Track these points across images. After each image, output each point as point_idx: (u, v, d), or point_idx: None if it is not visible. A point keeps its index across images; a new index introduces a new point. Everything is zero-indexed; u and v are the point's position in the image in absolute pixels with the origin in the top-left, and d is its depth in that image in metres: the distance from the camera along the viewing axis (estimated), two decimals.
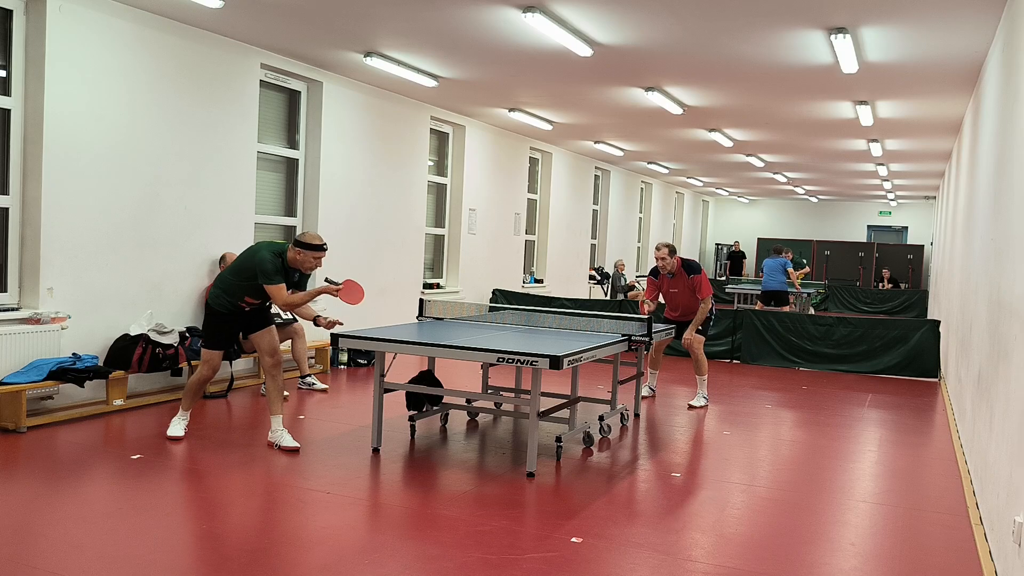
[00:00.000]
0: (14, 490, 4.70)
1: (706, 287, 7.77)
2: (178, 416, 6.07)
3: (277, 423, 5.89)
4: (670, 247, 7.78)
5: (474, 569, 3.83)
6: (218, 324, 5.90)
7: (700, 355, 7.94)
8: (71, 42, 6.60)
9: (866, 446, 6.74)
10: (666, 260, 7.73)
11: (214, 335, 5.92)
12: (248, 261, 5.73)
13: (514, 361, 5.17)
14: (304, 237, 5.69)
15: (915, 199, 24.69)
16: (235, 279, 5.78)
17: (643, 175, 20.88)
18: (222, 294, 5.83)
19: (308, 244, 5.67)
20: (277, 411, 5.89)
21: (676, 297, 7.92)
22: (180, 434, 5.97)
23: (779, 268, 14.50)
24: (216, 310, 5.86)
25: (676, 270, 7.83)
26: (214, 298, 5.85)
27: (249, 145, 8.47)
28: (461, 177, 12.64)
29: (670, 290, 7.92)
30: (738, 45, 7.42)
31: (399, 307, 11.01)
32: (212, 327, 5.92)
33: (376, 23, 7.33)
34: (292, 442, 5.82)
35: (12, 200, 6.51)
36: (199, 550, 3.95)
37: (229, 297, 5.82)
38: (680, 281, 7.84)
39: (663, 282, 7.93)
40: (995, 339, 4.87)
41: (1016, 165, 4.53)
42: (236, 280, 5.78)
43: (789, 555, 4.22)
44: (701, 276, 7.77)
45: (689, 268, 7.82)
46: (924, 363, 10.62)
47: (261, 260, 5.65)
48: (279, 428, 5.89)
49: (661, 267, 7.79)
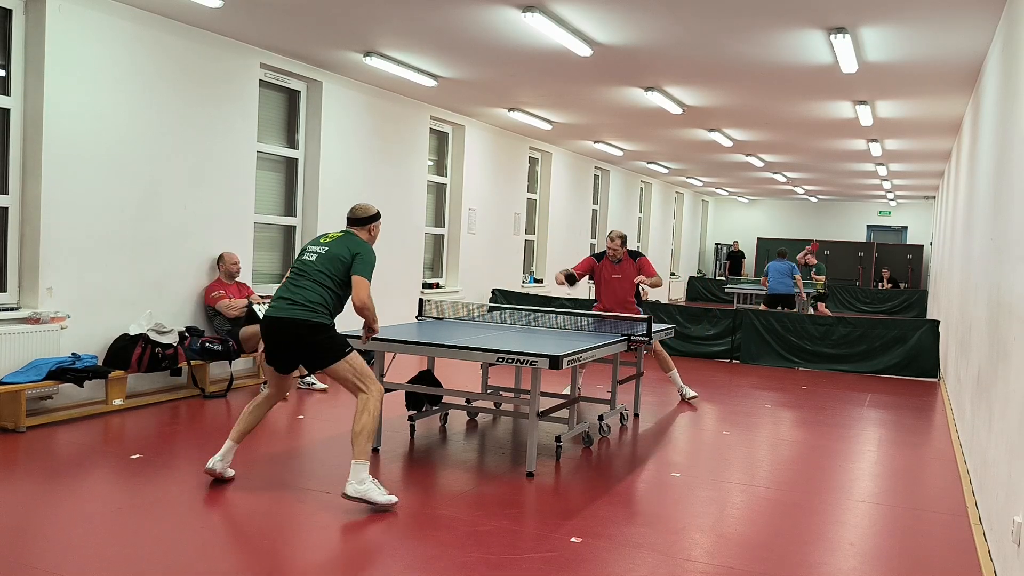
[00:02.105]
0: (13, 490, 4.70)
1: (653, 268, 7.94)
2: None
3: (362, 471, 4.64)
4: (623, 238, 7.99)
5: (473, 569, 3.83)
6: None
7: (662, 351, 8.10)
8: (70, 42, 6.60)
9: (865, 446, 6.74)
10: (617, 251, 7.92)
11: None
12: (354, 251, 4.79)
13: (513, 361, 5.16)
14: (369, 208, 5.03)
15: (915, 199, 24.69)
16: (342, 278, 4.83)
17: (643, 175, 20.87)
18: (339, 303, 4.87)
19: (378, 214, 5.06)
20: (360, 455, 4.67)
21: (618, 283, 7.99)
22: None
23: (787, 272, 14.43)
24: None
25: (623, 257, 8.00)
26: (332, 311, 4.84)
27: (249, 145, 8.47)
28: (461, 177, 12.64)
29: (612, 276, 7.97)
30: (738, 45, 7.42)
31: (399, 307, 11.01)
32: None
33: (376, 23, 7.32)
34: (387, 498, 4.65)
35: (11, 200, 6.51)
36: (198, 550, 3.95)
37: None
38: (625, 267, 7.97)
39: (604, 267, 7.99)
40: (994, 339, 4.87)
41: (1016, 165, 4.53)
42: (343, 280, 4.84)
43: (789, 555, 4.22)
44: (646, 259, 8.00)
45: (634, 254, 8.05)
46: (923, 363, 10.62)
47: (372, 252, 4.86)
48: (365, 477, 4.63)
49: (612, 255, 7.91)
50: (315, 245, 4.94)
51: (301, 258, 4.92)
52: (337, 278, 4.79)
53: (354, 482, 4.56)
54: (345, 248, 4.83)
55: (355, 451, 4.63)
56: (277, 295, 4.85)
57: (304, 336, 4.72)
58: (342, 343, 4.84)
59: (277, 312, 4.77)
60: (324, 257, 4.83)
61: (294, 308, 4.72)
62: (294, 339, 4.74)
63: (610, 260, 7.98)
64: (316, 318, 4.72)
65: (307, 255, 4.89)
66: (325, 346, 4.77)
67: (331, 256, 4.81)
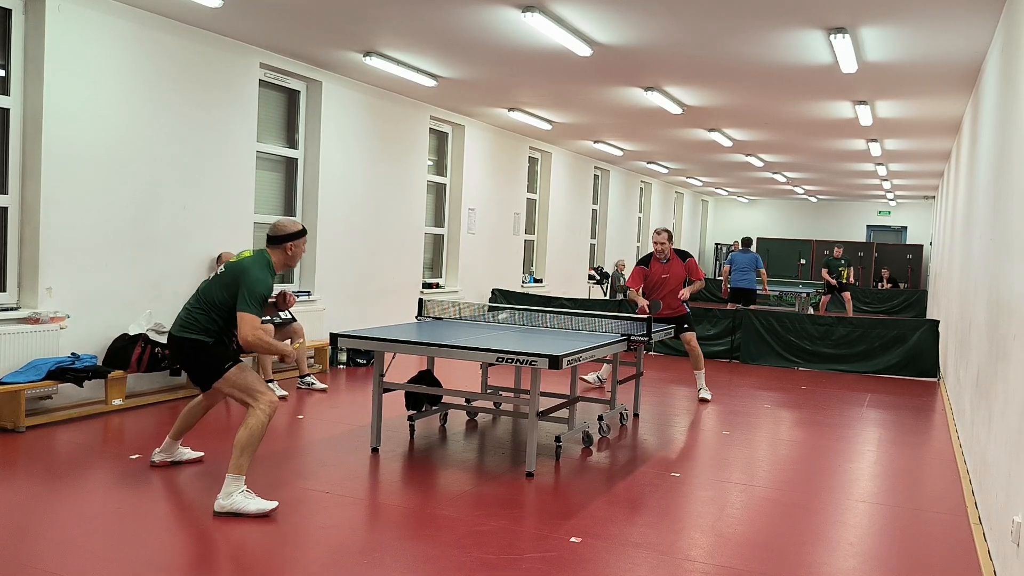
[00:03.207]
0: (13, 490, 4.69)
1: (700, 270, 8.14)
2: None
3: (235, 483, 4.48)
4: (670, 232, 8.04)
5: (473, 569, 3.83)
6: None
7: (698, 349, 8.22)
8: (70, 41, 6.60)
9: (865, 446, 6.74)
10: (666, 245, 7.91)
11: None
12: (239, 278, 4.61)
13: (513, 361, 5.17)
14: (288, 226, 4.78)
15: (914, 199, 24.69)
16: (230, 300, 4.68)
17: (642, 175, 20.87)
18: (227, 326, 4.73)
19: (299, 232, 4.80)
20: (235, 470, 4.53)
21: (666, 284, 8.00)
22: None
23: (751, 265, 13.65)
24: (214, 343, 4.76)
25: (671, 255, 8.02)
26: (217, 331, 4.71)
27: (248, 145, 8.47)
28: (460, 177, 12.64)
29: (661, 276, 8.00)
30: (738, 45, 7.42)
31: (398, 307, 11.01)
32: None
33: (376, 23, 7.32)
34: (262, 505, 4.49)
35: (11, 199, 6.51)
36: (198, 550, 3.95)
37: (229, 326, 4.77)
38: (673, 266, 7.99)
39: (654, 269, 7.98)
40: (994, 339, 4.87)
41: (1015, 165, 4.53)
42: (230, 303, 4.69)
43: (788, 555, 4.22)
44: (694, 260, 8.11)
45: (682, 254, 8.10)
46: (923, 363, 10.62)
47: (256, 280, 4.56)
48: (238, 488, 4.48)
49: (660, 252, 7.91)
50: (223, 265, 4.92)
51: (207, 277, 4.91)
52: (224, 305, 4.64)
53: (221, 497, 4.43)
54: (233, 275, 4.62)
55: (230, 463, 4.48)
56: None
57: (186, 354, 4.74)
58: (220, 360, 4.69)
59: (171, 329, 4.85)
60: (215, 282, 4.72)
61: (180, 328, 4.74)
62: (179, 357, 4.79)
63: (658, 260, 7.94)
64: (194, 336, 4.68)
65: (210, 273, 4.90)
66: (202, 363, 4.72)
67: (222, 282, 4.67)
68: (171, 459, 5.30)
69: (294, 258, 4.82)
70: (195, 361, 4.74)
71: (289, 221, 4.83)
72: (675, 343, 11.55)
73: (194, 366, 4.77)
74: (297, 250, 4.81)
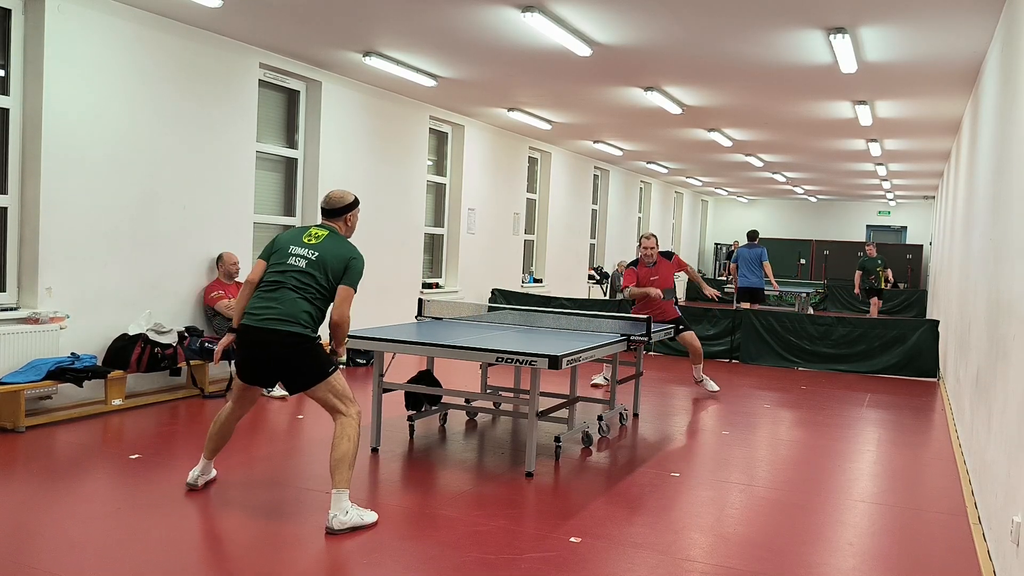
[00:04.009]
0: (12, 490, 4.69)
1: (685, 262, 8.46)
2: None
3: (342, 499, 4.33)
4: (656, 237, 8.31)
5: (473, 569, 3.83)
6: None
7: (698, 345, 8.47)
8: (70, 41, 6.60)
9: (865, 446, 6.74)
10: (654, 249, 8.16)
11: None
12: (347, 259, 4.44)
13: (513, 361, 5.16)
14: (344, 196, 4.63)
15: (914, 199, 24.70)
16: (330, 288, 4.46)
17: (642, 175, 20.87)
18: (322, 316, 4.50)
19: (355, 201, 4.67)
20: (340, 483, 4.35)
21: (656, 284, 8.23)
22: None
23: (757, 260, 13.16)
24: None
25: (657, 258, 8.32)
26: (318, 323, 4.47)
27: (248, 144, 8.47)
28: (460, 177, 12.64)
29: (650, 279, 8.23)
30: (737, 45, 7.42)
31: (398, 307, 11.01)
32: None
33: (375, 23, 7.32)
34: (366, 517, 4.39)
35: (11, 199, 6.51)
36: (198, 550, 3.95)
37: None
38: (661, 268, 8.28)
39: (642, 273, 8.26)
40: (993, 339, 4.87)
41: (1015, 165, 4.53)
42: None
43: (788, 555, 4.22)
44: (677, 256, 8.39)
45: (666, 254, 8.35)
46: (923, 363, 10.62)
47: (360, 259, 4.49)
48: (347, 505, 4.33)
49: (648, 256, 8.18)
50: (299, 247, 4.46)
51: (285, 261, 4.43)
52: (325, 289, 4.39)
53: (338, 514, 4.23)
54: (336, 256, 4.42)
55: (335, 479, 4.28)
56: (257, 302, 4.40)
57: (289, 352, 4.32)
58: (328, 362, 4.44)
59: (260, 322, 4.33)
60: (313, 264, 4.39)
61: (280, 321, 4.30)
62: (276, 354, 4.34)
63: (645, 264, 8.16)
64: (302, 331, 4.32)
65: (292, 259, 4.42)
66: (308, 364, 4.36)
67: (320, 263, 4.39)
68: (208, 478, 4.90)
69: (351, 229, 4.66)
70: (300, 360, 4.34)
71: (343, 192, 4.65)
72: (674, 343, 11.55)
73: (297, 366, 4.36)
74: (354, 220, 4.67)
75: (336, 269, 4.41)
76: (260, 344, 4.34)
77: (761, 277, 13.20)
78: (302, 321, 4.33)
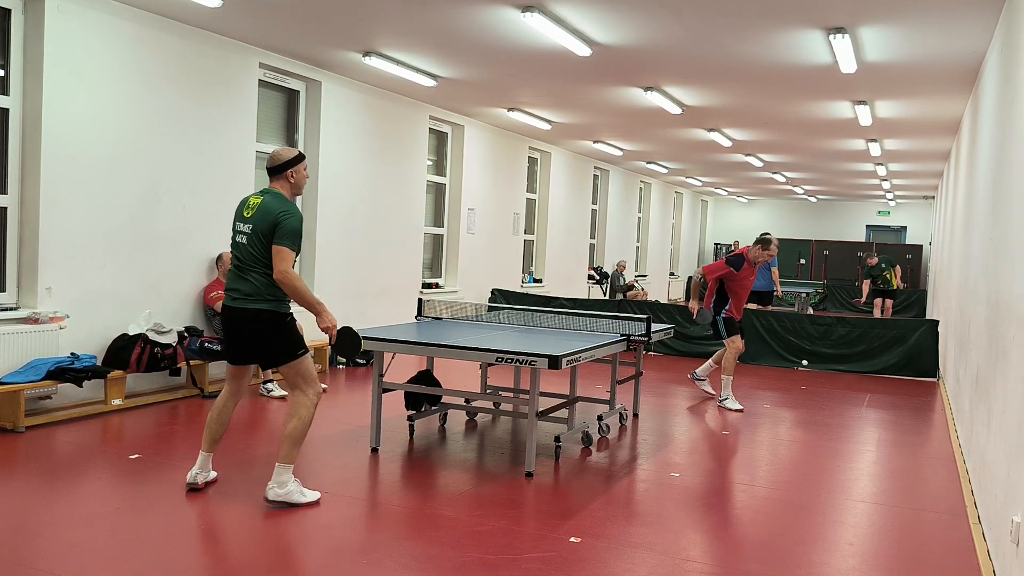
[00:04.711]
0: (12, 490, 4.69)
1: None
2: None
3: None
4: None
5: (472, 569, 3.83)
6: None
7: (734, 358, 8.34)
8: (70, 41, 6.60)
9: (865, 446, 6.75)
10: (772, 256, 8.29)
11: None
12: (276, 219, 4.44)
13: (513, 361, 5.16)
14: (283, 153, 4.63)
15: (914, 199, 24.70)
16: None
17: (642, 175, 20.87)
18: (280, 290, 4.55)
19: (297, 157, 4.64)
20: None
21: (748, 286, 8.33)
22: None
23: (766, 264, 13.44)
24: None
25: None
26: (279, 293, 4.55)
27: (248, 144, 8.47)
28: (460, 177, 12.64)
29: (749, 277, 8.28)
30: (737, 45, 7.42)
31: (398, 307, 11.01)
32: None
33: (375, 23, 7.32)
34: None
35: (10, 199, 6.51)
36: (197, 550, 3.95)
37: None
38: (755, 271, 8.39)
39: (745, 271, 8.20)
40: (993, 339, 4.87)
41: (1015, 165, 4.53)
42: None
43: (788, 555, 4.22)
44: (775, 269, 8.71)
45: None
46: (923, 363, 10.62)
47: (289, 213, 4.46)
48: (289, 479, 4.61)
49: (766, 259, 8.22)
50: (240, 222, 4.55)
51: (234, 240, 4.57)
52: (268, 258, 4.44)
53: (275, 486, 4.49)
54: (266, 220, 4.43)
55: (280, 453, 4.53)
56: (229, 283, 4.59)
57: (261, 325, 4.49)
58: (298, 343, 4.61)
59: (232, 302, 4.53)
60: (251, 236, 4.47)
61: (245, 299, 4.47)
62: (252, 329, 4.52)
63: (750, 264, 8.21)
64: (267, 307, 4.47)
65: (237, 236, 4.54)
66: (277, 340, 4.52)
67: (255, 234, 4.45)
68: (209, 477, 4.86)
69: (298, 186, 4.65)
70: (270, 335, 4.50)
71: (284, 149, 4.66)
72: (674, 343, 11.55)
73: (266, 342, 4.52)
74: (299, 176, 4.64)
75: (268, 232, 4.44)
76: (236, 322, 4.57)
77: (770, 280, 13.32)
78: (267, 296, 4.49)
